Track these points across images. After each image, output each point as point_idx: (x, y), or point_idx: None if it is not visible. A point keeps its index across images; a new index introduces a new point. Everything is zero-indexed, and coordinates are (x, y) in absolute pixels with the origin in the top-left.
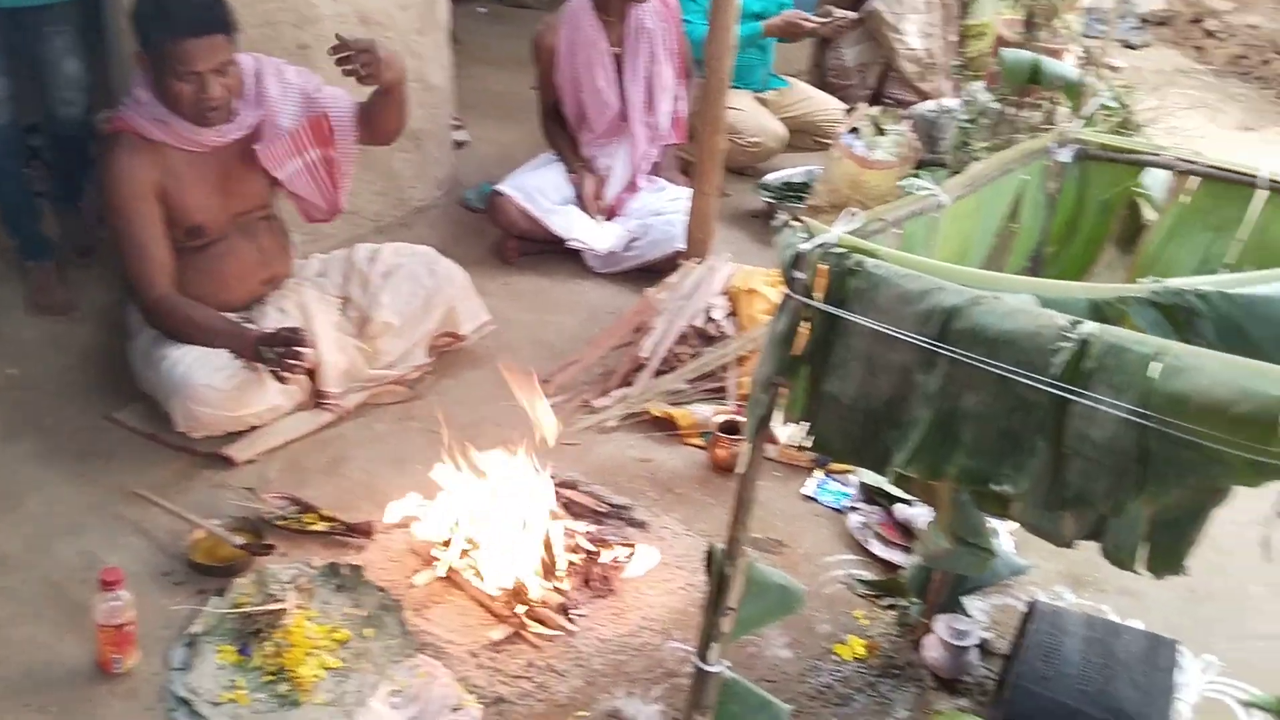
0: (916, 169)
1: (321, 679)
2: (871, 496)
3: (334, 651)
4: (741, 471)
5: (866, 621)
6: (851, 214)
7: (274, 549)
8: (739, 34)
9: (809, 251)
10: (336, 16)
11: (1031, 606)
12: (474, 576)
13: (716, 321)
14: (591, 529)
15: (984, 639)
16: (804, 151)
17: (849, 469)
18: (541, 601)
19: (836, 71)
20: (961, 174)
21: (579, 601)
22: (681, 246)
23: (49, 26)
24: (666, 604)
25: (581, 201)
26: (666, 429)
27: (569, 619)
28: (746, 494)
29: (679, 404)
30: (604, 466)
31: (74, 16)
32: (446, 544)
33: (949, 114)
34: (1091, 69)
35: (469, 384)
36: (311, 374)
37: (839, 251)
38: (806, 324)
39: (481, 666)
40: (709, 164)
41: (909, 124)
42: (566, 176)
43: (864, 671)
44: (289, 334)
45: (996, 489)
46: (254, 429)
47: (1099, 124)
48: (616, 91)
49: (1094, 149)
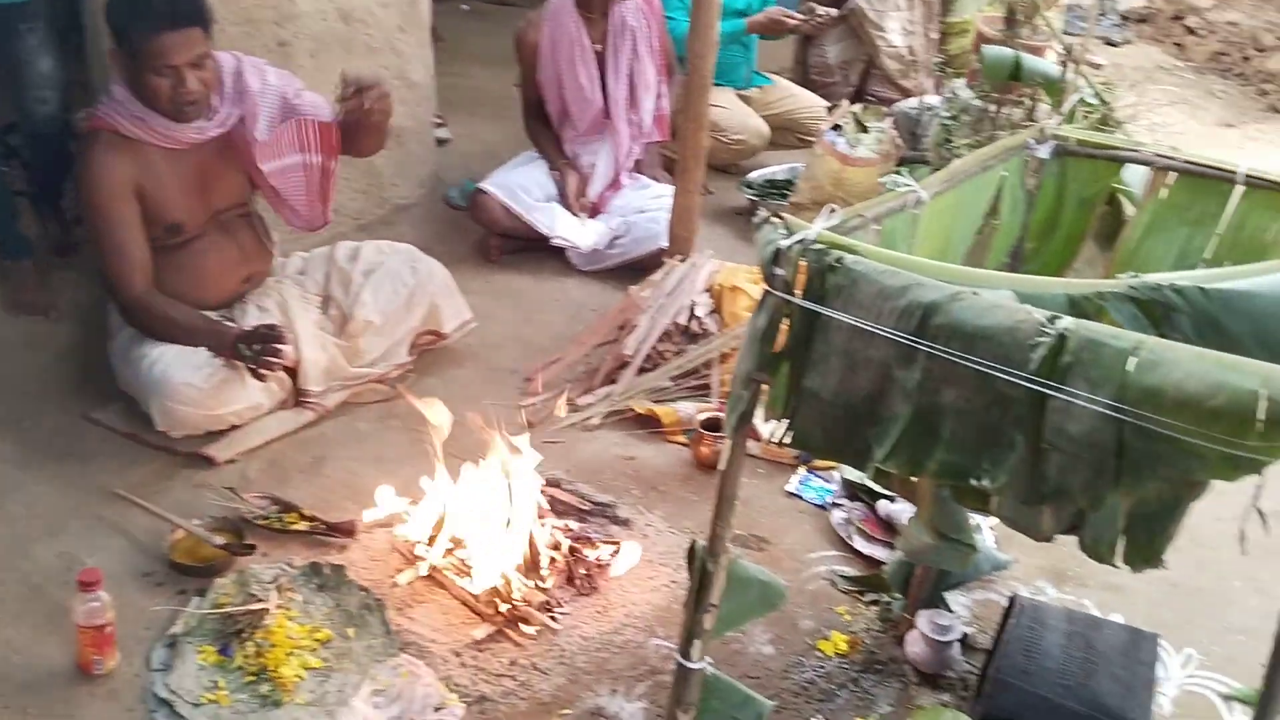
0: (899, 166)
1: (303, 679)
2: (854, 492)
3: (316, 651)
4: (723, 468)
5: (849, 617)
6: (831, 210)
7: (255, 549)
8: (722, 31)
9: (788, 248)
10: (317, 14)
11: (1012, 601)
12: (457, 575)
13: (700, 319)
14: (575, 527)
15: (966, 634)
16: (787, 149)
17: (832, 465)
18: (525, 600)
19: (819, 69)
20: (941, 170)
21: (562, 599)
22: (665, 244)
23: (22, 24)
24: (650, 601)
25: (565, 199)
26: (650, 426)
27: (552, 617)
28: (728, 490)
29: (663, 401)
30: (588, 464)
31: (47, 14)
32: (429, 543)
33: (931, 111)
34: (1072, 66)
35: (452, 382)
36: (292, 373)
37: (818, 248)
38: (787, 320)
39: (464, 665)
40: (692, 161)
41: (891, 121)
42: (550, 174)
43: (847, 667)
44: (266, 331)
45: (976, 484)
46: (234, 428)
47: (1080, 121)
48: (599, 89)
49: (1072, 145)
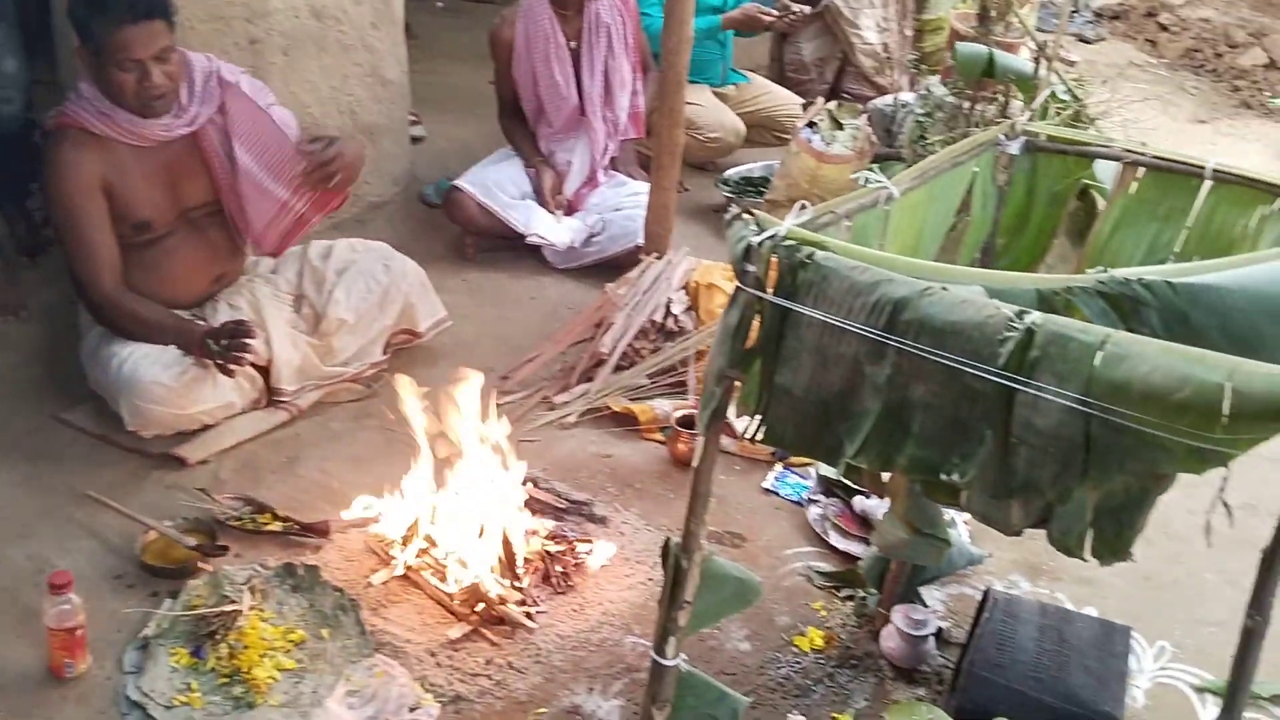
0: (874, 163)
1: (277, 680)
2: (830, 489)
3: (290, 653)
4: (696, 465)
5: (825, 613)
6: (802, 207)
7: (228, 550)
8: (697, 27)
9: (759, 244)
10: (289, 10)
11: (986, 595)
12: (432, 575)
13: (676, 316)
14: (551, 525)
15: (941, 628)
16: (763, 146)
17: (808, 461)
18: (500, 599)
19: (795, 66)
20: (913, 167)
21: (538, 598)
22: (641, 241)
23: None
24: (627, 599)
25: (540, 197)
26: (626, 424)
27: (528, 616)
28: (702, 487)
29: (639, 399)
30: (564, 462)
31: (10, 13)
32: (404, 542)
33: (906, 108)
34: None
35: (426, 381)
36: (265, 372)
37: (789, 244)
38: (759, 317)
39: (440, 665)
40: (668, 159)
41: (866, 118)
42: (525, 171)
43: (823, 662)
44: (234, 326)
45: (945, 478)
46: (207, 429)
47: (1053, 117)
48: (574, 86)
49: (1043, 141)
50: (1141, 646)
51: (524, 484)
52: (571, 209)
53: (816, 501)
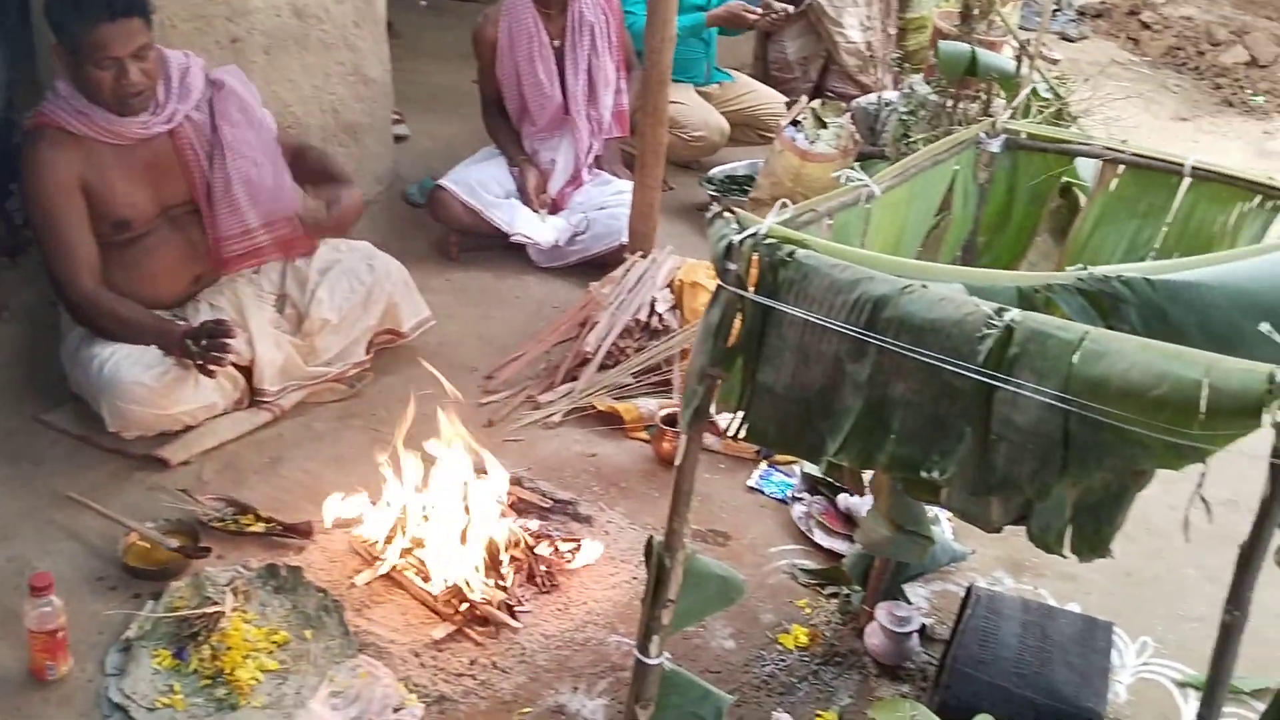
0: (858, 161)
1: (260, 682)
2: (815, 486)
3: (273, 654)
4: (679, 463)
5: (810, 610)
6: (783, 205)
7: (210, 551)
8: (681, 25)
9: (740, 243)
10: (270, 9)
11: (969, 591)
12: (416, 575)
13: (661, 315)
14: (536, 525)
15: (925, 625)
16: (747, 145)
17: (793, 460)
18: (484, 599)
19: (779, 65)
20: (894, 165)
21: (523, 598)
22: (625, 240)
23: None
24: (611, 598)
25: (524, 196)
26: (611, 423)
27: (513, 615)
28: (684, 485)
29: (624, 398)
30: (549, 462)
31: None
32: (388, 542)
33: (889, 106)
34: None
35: (410, 381)
36: (248, 373)
37: (770, 242)
38: (741, 315)
39: (424, 665)
40: (651, 157)
41: (850, 116)
42: (509, 170)
43: (807, 660)
44: (213, 326)
45: (926, 475)
46: (189, 429)
47: (1035, 115)
48: (558, 84)
49: (1023, 139)
50: (1124, 642)
51: (509, 483)
52: (556, 208)
53: (801, 499)
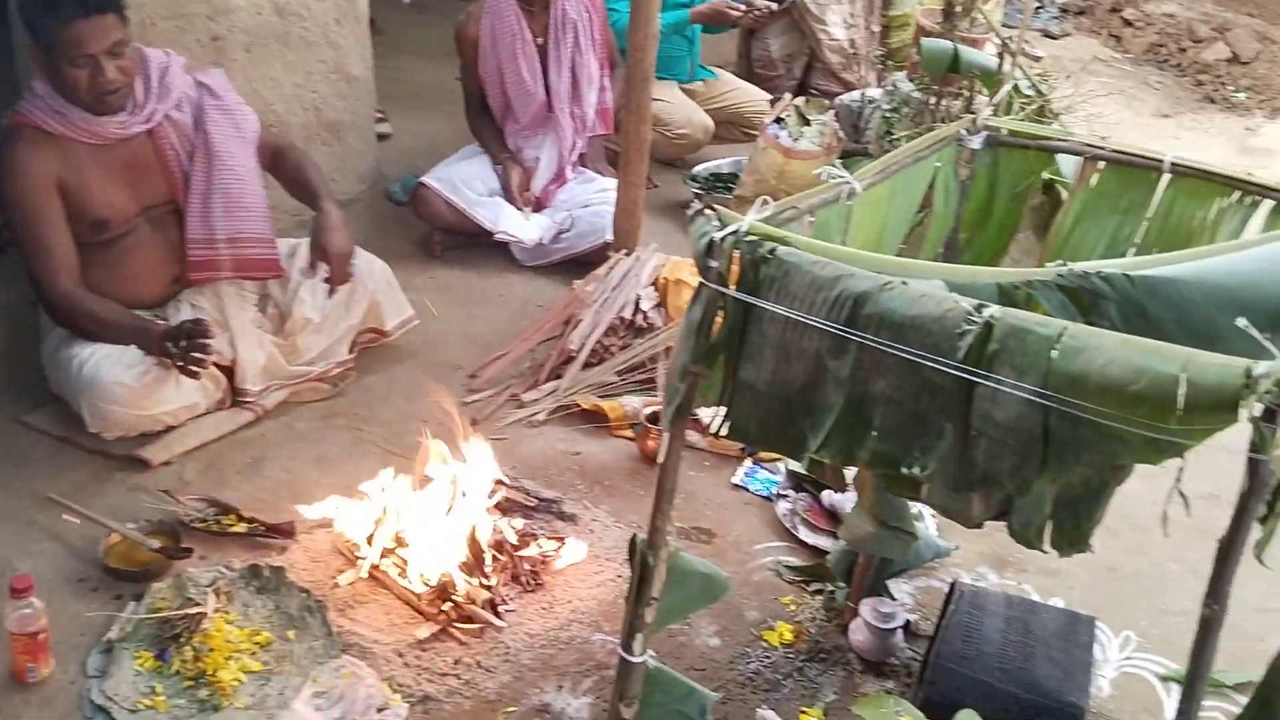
0: (841, 158)
1: (243, 683)
2: (800, 484)
3: (255, 655)
4: (661, 461)
5: (794, 607)
6: (764, 202)
7: (192, 552)
8: (665, 23)
9: (722, 240)
10: (251, 7)
11: (952, 587)
12: (399, 575)
13: (645, 313)
14: (521, 523)
15: (909, 621)
16: (731, 143)
17: (778, 457)
18: (469, 598)
19: (762, 62)
20: (875, 162)
21: (507, 597)
22: (609, 238)
23: None
24: (596, 596)
25: (508, 193)
26: (596, 421)
27: (497, 614)
28: (667, 483)
29: (608, 396)
30: (533, 460)
31: None
32: (370, 542)
33: (873, 104)
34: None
35: (393, 380)
36: (230, 372)
37: (751, 239)
38: (722, 312)
39: (408, 665)
40: (635, 155)
41: (833, 114)
42: (493, 168)
43: (792, 656)
44: (192, 326)
45: (907, 471)
46: (170, 430)
47: (1017, 112)
48: (541, 82)
49: (1004, 136)
50: (1107, 636)
51: (493, 482)
52: (539, 206)
53: (786, 496)
